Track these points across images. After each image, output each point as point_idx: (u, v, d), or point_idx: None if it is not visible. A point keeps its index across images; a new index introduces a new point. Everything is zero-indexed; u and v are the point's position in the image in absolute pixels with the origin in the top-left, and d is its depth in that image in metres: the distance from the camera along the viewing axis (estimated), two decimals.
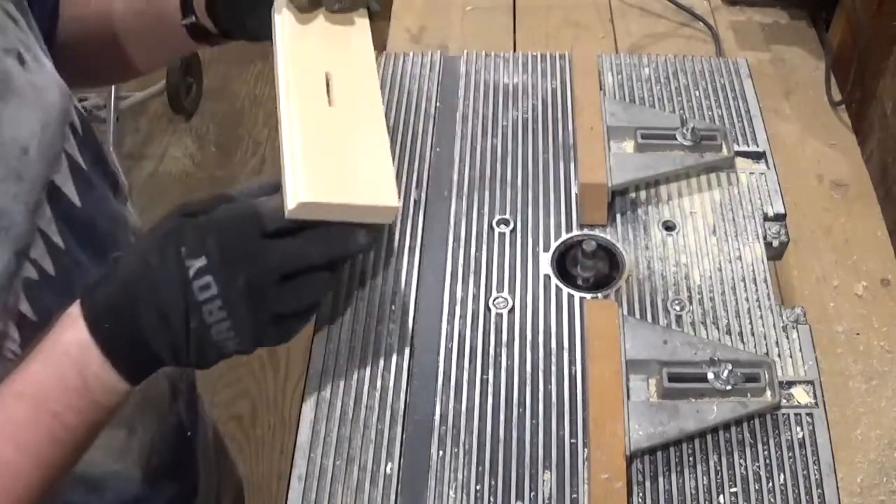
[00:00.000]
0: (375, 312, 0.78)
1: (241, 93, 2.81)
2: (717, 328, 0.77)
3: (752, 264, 0.81)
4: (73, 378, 0.57)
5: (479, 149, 0.92)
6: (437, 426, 0.71)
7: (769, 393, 0.71)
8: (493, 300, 0.79)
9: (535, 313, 0.78)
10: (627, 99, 0.97)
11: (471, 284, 0.80)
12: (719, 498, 0.67)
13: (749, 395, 0.70)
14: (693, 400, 0.70)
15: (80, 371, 0.57)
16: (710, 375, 0.70)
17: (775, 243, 0.84)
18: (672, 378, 0.71)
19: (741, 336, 0.76)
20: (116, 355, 0.57)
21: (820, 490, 0.67)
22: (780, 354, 0.75)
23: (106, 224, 0.74)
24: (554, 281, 0.80)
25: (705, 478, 0.68)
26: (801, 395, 0.72)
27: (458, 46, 1.38)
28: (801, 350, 0.75)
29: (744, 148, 0.92)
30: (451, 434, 0.70)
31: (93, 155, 0.74)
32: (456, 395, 0.73)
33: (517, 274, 0.81)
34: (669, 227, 0.85)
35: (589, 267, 0.80)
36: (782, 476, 0.68)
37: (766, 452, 0.69)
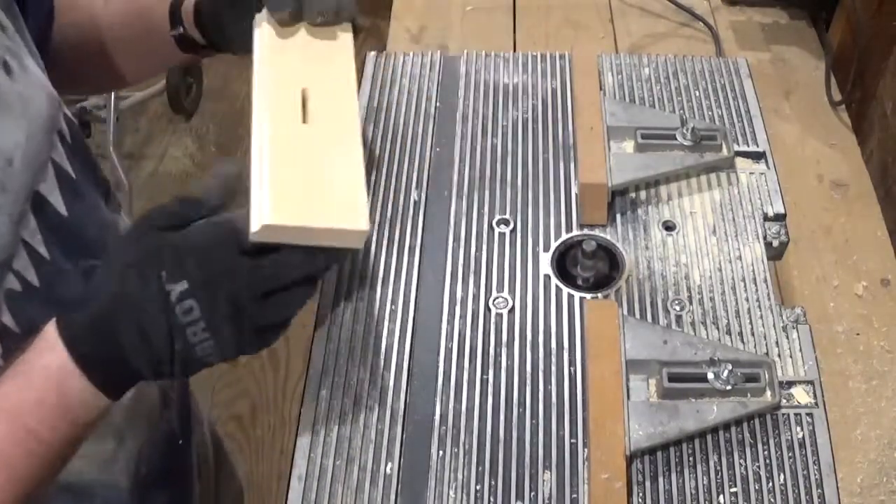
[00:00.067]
0: (375, 312, 0.78)
1: (241, 93, 2.81)
2: (717, 328, 0.77)
3: (752, 264, 0.81)
4: (52, 394, 0.56)
5: (479, 149, 0.92)
6: (437, 426, 0.71)
7: (769, 393, 0.71)
8: (493, 300, 0.79)
9: (535, 313, 0.78)
10: (627, 99, 0.97)
11: (471, 284, 0.80)
12: (719, 498, 0.67)
13: (749, 395, 0.70)
14: (693, 400, 0.70)
15: (58, 387, 0.56)
16: (710, 375, 0.70)
17: (775, 243, 0.84)
18: (672, 378, 0.71)
19: (741, 336, 0.76)
20: (94, 370, 0.56)
21: (820, 490, 0.67)
22: (780, 354, 0.75)
23: (96, 232, 0.73)
24: (554, 281, 0.80)
25: (705, 478, 0.68)
26: (801, 395, 0.72)
27: (458, 46, 1.38)
28: (801, 350, 0.75)
29: (744, 148, 0.92)
30: (451, 434, 0.70)
31: (83, 163, 0.73)
32: (456, 395, 0.72)
33: (517, 274, 0.81)
34: (669, 227, 0.85)
35: (589, 267, 0.80)
36: (782, 476, 0.68)
37: (766, 452, 0.69)
